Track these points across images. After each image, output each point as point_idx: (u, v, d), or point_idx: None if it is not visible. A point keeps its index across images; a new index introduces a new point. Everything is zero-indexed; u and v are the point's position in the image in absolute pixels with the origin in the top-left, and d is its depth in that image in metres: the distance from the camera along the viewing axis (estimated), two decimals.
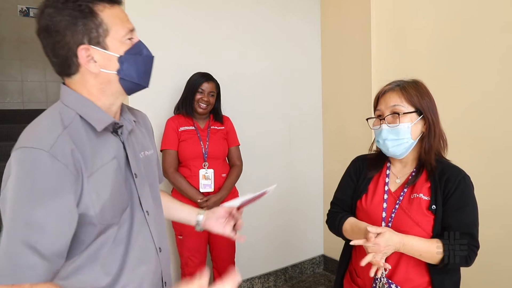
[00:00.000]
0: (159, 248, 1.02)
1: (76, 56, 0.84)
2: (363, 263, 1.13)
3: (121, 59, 0.88)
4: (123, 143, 0.95)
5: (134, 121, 1.02)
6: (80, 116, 0.87)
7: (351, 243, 1.17)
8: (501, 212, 2.09)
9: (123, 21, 0.89)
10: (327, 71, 3.20)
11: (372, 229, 1.12)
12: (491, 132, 2.14)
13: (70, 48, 0.84)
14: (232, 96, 2.70)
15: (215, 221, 1.17)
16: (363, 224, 1.26)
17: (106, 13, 0.86)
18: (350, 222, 1.32)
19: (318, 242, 3.32)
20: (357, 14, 2.86)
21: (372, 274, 1.15)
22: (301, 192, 3.18)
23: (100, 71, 0.87)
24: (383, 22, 2.71)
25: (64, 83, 0.92)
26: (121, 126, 0.95)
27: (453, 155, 1.36)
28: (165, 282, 1.05)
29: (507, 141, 2.08)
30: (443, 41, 2.35)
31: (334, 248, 3.21)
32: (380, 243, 1.11)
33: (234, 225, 1.22)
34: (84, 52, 0.84)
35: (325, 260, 3.33)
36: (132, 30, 0.91)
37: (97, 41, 0.85)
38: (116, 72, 0.88)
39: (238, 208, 1.19)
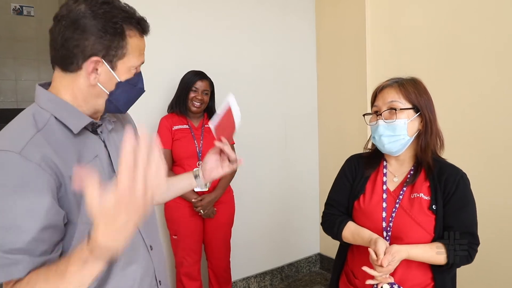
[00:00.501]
0: (150, 246, 1.00)
1: (84, 61, 0.84)
2: (371, 281, 1.15)
3: (119, 84, 0.90)
4: (103, 141, 0.95)
5: (113, 121, 1.01)
6: (56, 118, 0.86)
7: (367, 282, 1.17)
8: (499, 211, 2.08)
9: (141, 54, 0.93)
10: (322, 70, 3.19)
11: (385, 262, 1.10)
12: (490, 131, 2.13)
13: (83, 52, 0.84)
14: (227, 94, 2.67)
15: (210, 170, 1.16)
16: (365, 233, 1.24)
17: (132, 40, 0.89)
18: (351, 230, 1.29)
19: (314, 241, 3.31)
20: (352, 12, 2.85)
21: (368, 282, 1.16)
22: (297, 191, 3.17)
23: (97, 84, 0.88)
24: (378, 20, 2.70)
25: (39, 84, 0.90)
26: (100, 125, 0.95)
27: (451, 154, 1.35)
28: (159, 281, 1.03)
29: (506, 140, 2.07)
30: (439, 39, 2.34)
31: (330, 246, 3.20)
32: (390, 267, 1.12)
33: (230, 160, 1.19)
34: (94, 64, 0.85)
35: (321, 258, 3.32)
36: (142, 63, 0.94)
37: (111, 60, 0.86)
38: (108, 92, 0.90)
39: (218, 137, 1.13)
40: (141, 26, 0.90)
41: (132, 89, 0.93)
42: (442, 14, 2.32)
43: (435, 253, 1.17)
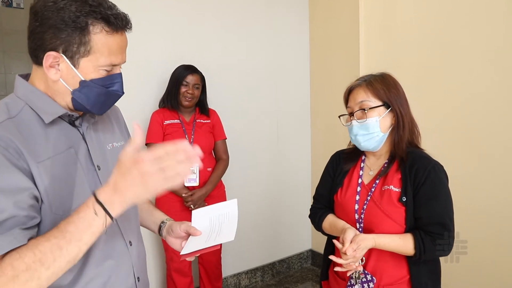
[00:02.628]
0: (130, 242, 0.99)
1: (43, 54, 0.82)
2: (339, 268, 1.19)
3: (83, 83, 0.85)
4: (82, 134, 0.93)
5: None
6: (30, 107, 0.85)
7: (335, 269, 1.21)
8: (491, 208, 2.08)
9: (111, 53, 0.85)
10: (315, 65, 3.18)
11: (349, 250, 1.14)
12: (482, 128, 2.12)
13: (43, 45, 0.81)
14: (218, 89, 2.66)
15: (174, 240, 1.08)
16: (340, 223, 1.31)
17: (98, 37, 0.82)
18: (329, 220, 1.37)
19: (306, 237, 3.31)
20: (346, 9, 2.83)
21: (336, 269, 1.21)
22: (289, 187, 3.16)
23: (59, 80, 0.84)
24: (372, 17, 2.69)
25: (19, 75, 0.90)
26: (78, 118, 0.92)
27: (440, 151, 1.36)
28: (138, 277, 1.01)
29: (498, 136, 2.05)
30: (433, 35, 2.33)
31: (322, 243, 3.14)
32: (357, 255, 1.15)
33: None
34: (50, 58, 0.81)
35: (313, 255, 3.32)
36: (115, 65, 0.88)
37: (71, 56, 0.82)
38: (71, 90, 0.86)
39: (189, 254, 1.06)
40: (109, 23, 0.82)
41: (101, 90, 0.87)
42: (436, 10, 2.31)
43: (403, 243, 1.19)
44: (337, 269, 1.20)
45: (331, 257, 1.19)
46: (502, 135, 2.05)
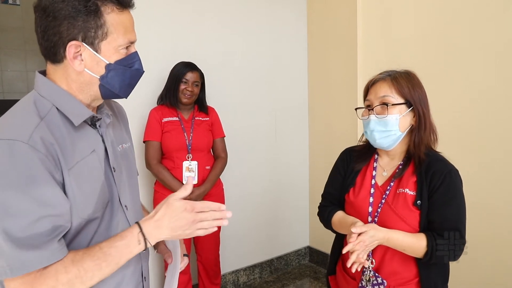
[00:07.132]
0: None
1: (64, 48, 0.81)
2: (348, 264, 1.12)
3: (108, 67, 0.85)
4: (101, 136, 0.92)
5: (111, 114, 0.99)
6: (57, 108, 0.84)
7: (344, 251, 1.14)
8: (495, 208, 2.08)
9: (127, 31, 0.86)
10: (313, 63, 3.18)
11: (356, 229, 1.11)
12: (483, 128, 2.11)
13: (61, 39, 0.80)
14: (216, 87, 2.66)
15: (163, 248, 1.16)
16: (350, 218, 1.26)
17: (111, 17, 0.82)
18: (339, 216, 1.33)
19: (304, 234, 3.33)
20: (343, 3, 2.83)
21: (354, 270, 1.14)
22: (286, 184, 3.17)
23: (84, 70, 0.84)
24: (369, 14, 2.69)
25: (39, 72, 0.88)
26: (99, 119, 0.92)
27: (442, 149, 1.34)
28: (144, 277, 1.03)
29: (500, 136, 2.05)
30: (432, 32, 2.32)
31: (320, 240, 3.22)
32: (365, 241, 1.10)
33: None
34: (73, 49, 0.81)
35: (310, 251, 3.34)
36: (132, 42, 0.88)
37: (91, 42, 0.82)
38: (99, 77, 0.85)
39: None
40: (118, 1, 0.83)
41: (126, 70, 0.87)
42: (435, 9, 2.31)
43: (416, 239, 1.16)
44: (349, 263, 1.13)
45: (345, 250, 1.12)
46: (501, 135, 2.05)
